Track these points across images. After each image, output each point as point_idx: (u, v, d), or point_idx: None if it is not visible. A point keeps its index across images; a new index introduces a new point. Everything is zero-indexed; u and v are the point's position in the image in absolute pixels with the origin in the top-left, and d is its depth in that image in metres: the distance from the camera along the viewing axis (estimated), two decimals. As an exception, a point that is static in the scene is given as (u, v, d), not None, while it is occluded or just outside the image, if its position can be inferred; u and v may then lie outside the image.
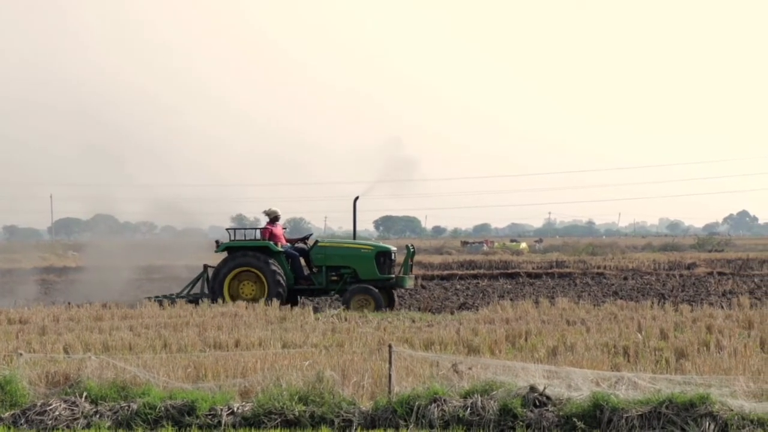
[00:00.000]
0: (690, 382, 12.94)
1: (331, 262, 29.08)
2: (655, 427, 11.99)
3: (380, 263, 28.94)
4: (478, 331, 20.18)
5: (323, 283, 29.02)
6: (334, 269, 29.12)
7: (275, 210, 29.43)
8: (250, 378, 14.21)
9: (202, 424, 12.92)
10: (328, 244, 29.90)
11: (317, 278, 29.08)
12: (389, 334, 20.19)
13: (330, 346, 18.56)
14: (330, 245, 29.73)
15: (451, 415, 12.58)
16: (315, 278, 29.11)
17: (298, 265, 29.13)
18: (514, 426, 12.36)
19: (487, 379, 13.24)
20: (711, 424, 11.82)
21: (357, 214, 30.18)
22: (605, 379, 13.44)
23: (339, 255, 29.17)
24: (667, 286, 36.61)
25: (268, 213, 29.47)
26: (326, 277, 29.01)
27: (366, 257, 28.95)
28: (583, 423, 12.17)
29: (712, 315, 22.46)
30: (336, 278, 29.09)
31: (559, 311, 24.36)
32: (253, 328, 21.69)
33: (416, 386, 13.26)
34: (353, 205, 30.03)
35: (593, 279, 42.69)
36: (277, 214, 29.46)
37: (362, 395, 13.53)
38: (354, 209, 30.09)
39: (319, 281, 29.03)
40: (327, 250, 29.25)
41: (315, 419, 12.82)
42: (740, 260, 53.52)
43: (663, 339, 18.69)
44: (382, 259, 29.03)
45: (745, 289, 33.49)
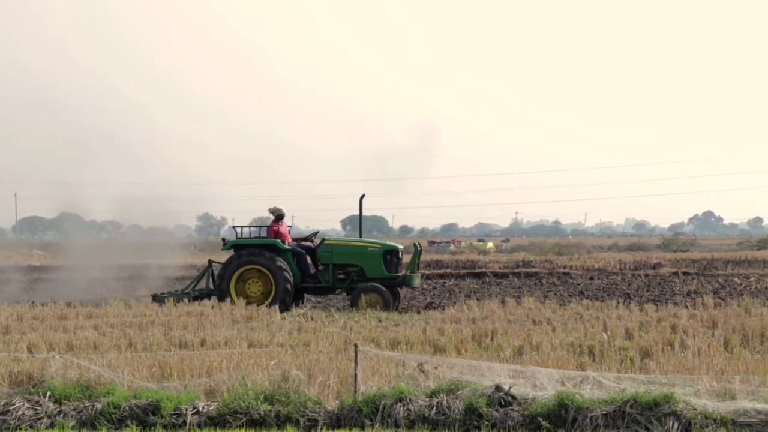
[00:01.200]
0: (654, 382, 13.01)
1: (338, 260, 28.92)
2: (620, 426, 12.05)
3: (387, 261, 28.85)
4: (445, 330, 20.19)
5: (330, 282, 28.86)
6: (340, 267, 28.98)
7: (280, 208, 29.29)
8: (216, 377, 14.17)
9: (167, 423, 12.88)
10: (335, 242, 29.82)
11: (324, 276, 28.93)
12: (355, 334, 20.17)
13: (296, 345, 18.52)
14: (337, 243, 29.64)
15: (416, 414, 12.59)
16: (322, 276, 28.96)
17: (304, 263, 28.97)
18: (479, 425, 12.38)
19: (453, 379, 13.26)
20: (675, 424, 11.89)
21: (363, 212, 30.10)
22: (570, 378, 13.49)
23: (346, 253, 29.04)
24: (632, 286, 36.76)
25: (273, 211, 29.33)
26: (333, 275, 28.85)
27: (373, 255, 28.82)
28: (548, 422, 12.21)
29: (677, 315, 22.58)
30: (343, 276, 28.98)
31: (526, 311, 24.41)
32: (219, 327, 21.62)
33: (382, 386, 13.26)
34: (359, 203, 29.97)
35: (559, 279, 42.80)
36: (282, 213, 29.29)
37: (328, 395, 13.52)
38: (360, 207, 30.01)
39: (326, 279, 28.87)
40: (334, 248, 29.11)
41: (280, 419, 12.80)
42: (705, 260, 53.81)
43: (628, 338, 18.77)
44: (389, 258, 28.93)
45: (709, 289, 33.67)
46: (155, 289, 36.68)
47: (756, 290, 33.19)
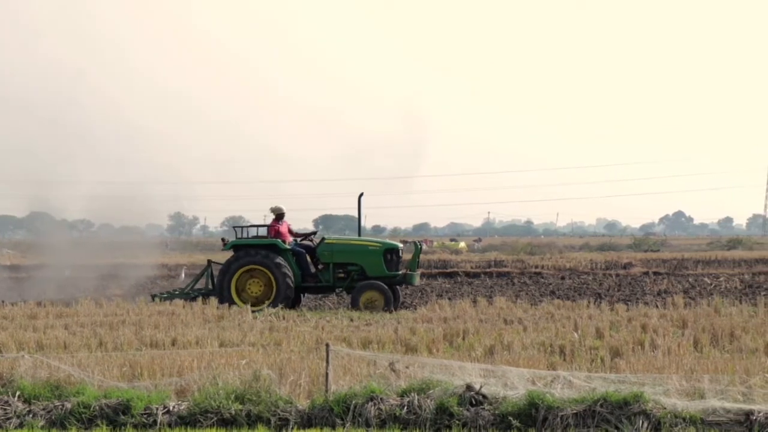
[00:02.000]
0: (624, 381, 13.07)
1: (338, 259, 28.82)
2: (590, 425, 12.09)
3: (387, 260, 28.77)
4: (416, 330, 20.22)
5: (330, 281, 28.75)
6: (341, 266, 28.88)
7: (279, 207, 29.18)
8: (187, 377, 14.13)
9: (137, 423, 12.83)
10: (335, 241, 29.65)
11: (324, 275, 28.82)
12: (327, 333, 20.17)
13: (267, 344, 18.50)
14: (337, 242, 29.50)
15: (387, 413, 12.60)
16: (322, 275, 28.85)
17: (304, 263, 28.84)
18: (450, 425, 12.40)
19: (424, 378, 13.27)
20: (644, 423, 11.94)
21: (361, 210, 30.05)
22: (541, 377, 13.53)
23: (346, 252, 28.96)
24: (603, 286, 36.90)
25: (273, 210, 29.27)
26: (333, 274, 28.75)
27: (374, 254, 28.76)
28: (518, 421, 12.24)
29: (647, 314, 22.69)
30: (343, 275, 28.88)
31: (497, 310, 24.48)
32: (191, 326, 21.57)
33: (353, 385, 13.26)
34: (358, 201, 29.91)
35: (531, 278, 42.92)
36: (282, 211, 29.20)
37: (299, 394, 13.51)
38: (359, 206, 29.94)
39: (326, 278, 28.76)
40: (334, 247, 29.00)
41: (251, 418, 12.78)
42: (675, 260, 54.07)
43: (599, 338, 18.85)
44: (389, 256, 28.86)
45: (679, 289, 33.84)
46: (127, 288, 36.57)
47: (725, 290, 33.38)
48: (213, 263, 30.09)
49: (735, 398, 12.43)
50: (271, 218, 29.35)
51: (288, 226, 29.42)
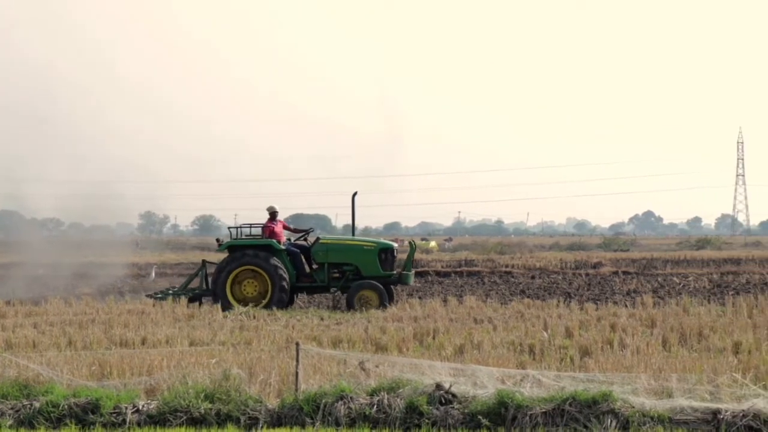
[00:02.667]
0: (593, 380, 13.13)
1: (333, 259, 28.73)
2: (559, 424, 12.14)
3: (382, 260, 28.75)
4: (387, 329, 20.25)
5: (325, 281, 28.65)
6: (335, 266, 28.81)
7: (273, 206, 29.14)
8: (156, 376, 14.11)
9: (106, 422, 12.80)
10: (330, 240, 29.52)
11: (319, 275, 28.74)
12: (297, 332, 20.17)
13: (237, 343, 18.49)
14: (332, 242, 29.38)
15: (357, 412, 12.62)
16: (317, 275, 28.78)
17: (299, 263, 28.76)
18: (420, 423, 12.43)
19: (394, 377, 13.30)
20: (613, 421, 12.00)
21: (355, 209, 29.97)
22: (510, 376, 13.59)
23: (341, 252, 28.86)
24: (573, 285, 37.03)
25: (268, 209, 29.22)
26: (328, 274, 28.66)
27: (368, 254, 28.71)
28: (488, 420, 12.28)
29: (616, 314, 22.80)
30: (338, 275, 28.81)
31: (467, 309, 24.54)
32: (161, 325, 21.53)
33: (323, 384, 13.28)
34: (352, 200, 29.86)
35: (501, 278, 43.03)
36: (275, 210, 29.17)
37: (269, 393, 13.51)
38: (353, 205, 29.86)
39: (321, 278, 28.68)
40: (329, 247, 28.90)
41: (221, 417, 12.77)
42: (644, 260, 54.34)
43: (568, 337, 18.93)
44: (384, 256, 28.83)
45: (648, 288, 33.99)
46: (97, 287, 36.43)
47: (694, 289, 33.56)
48: (207, 263, 29.98)
49: (702, 397, 12.51)
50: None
51: (283, 223, 29.42)
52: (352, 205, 29.71)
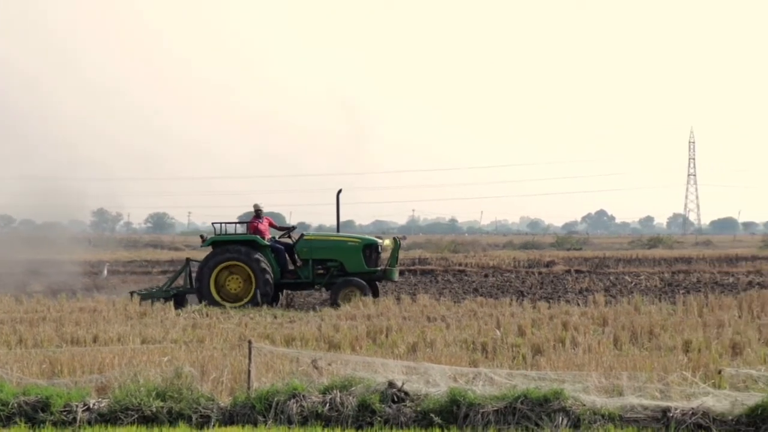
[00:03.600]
0: (545, 378, 13.20)
1: (317, 255, 28.73)
2: (510, 422, 12.19)
3: (367, 256, 28.77)
4: (340, 327, 20.25)
5: (309, 277, 28.63)
6: (320, 262, 28.77)
7: (257, 204, 29.10)
8: (108, 374, 14.03)
9: (56, 420, 12.71)
10: (314, 237, 29.53)
11: (303, 272, 28.70)
12: (250, 330, 20.14)
13: (190, 341, 18.44)
14: (316, 238, 29.38)
15: (309, 410, 12.61)
16: (301, 272, 28.74)
17: (283, 259, 28.72)
18: (372, 422, 12.44)
19: (347, 375, 13.29)
20: (564, 419, 12.07)
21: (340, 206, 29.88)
22: (463, 374, 13.63)
23: (325, 248, 28.87)
24: (526, 284, 37.17)
25: (253, 207, 29.15)
26: (312, 270, 28.64)
27: (353, 250, 28.72)
28: (440, 418, 12.31)
29: (569, 312, 22.92)
30: (322, 271, 28.77)
31: (420, 308, 24.58)
32: (112, 323, 21.43)
33: (276, 382, 13.25)
34: (336, 197, 29.79)
35: (455, 276, 43.11)
36: (260, 208, 29.05)
37: (221, 391, 13.47)
38: (337, 202, 29.78)
39: (305, 275, 28.64)
40: (313, 244, 28.90)
41: (173, 415, 12.72)
42: (597, 258, 54.64)
43: (520, 335, 19.01)
44: (368, 252, 28.86)
45: (600, 287, 34.18)
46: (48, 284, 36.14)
47: (646, 288, 33.80)
48: (191, 261, 29.87)
49: (653, 395, 12.61)
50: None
51: (269, 221, 29.42)
52: (337, 202, 29.77)
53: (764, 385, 13.27)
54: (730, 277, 39.54)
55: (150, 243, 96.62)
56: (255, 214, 29.03)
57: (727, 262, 51.40)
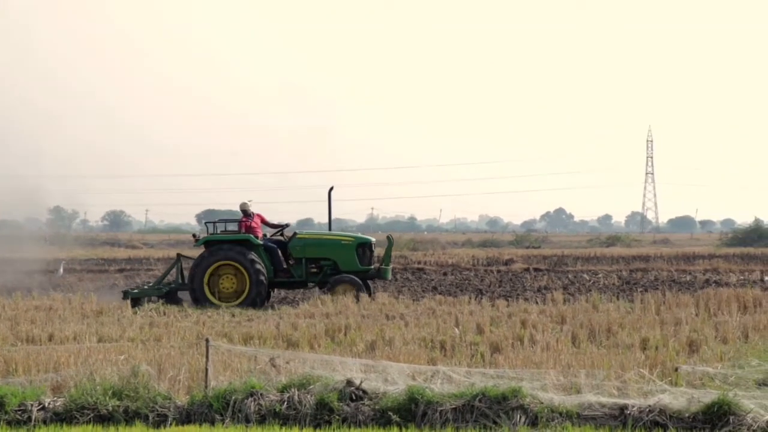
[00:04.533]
0: (503, 376, 13.20)
1: (310, 254, 28.56)
2: (468, 420, 12.18)
3: (360, 255, 28.63)
4: (298, 325, 20.19)
5: (303, 276, 28.45)
6: (313, 261, 28.61)
7: (244, 202, 28.86)
8: (63, 373, 13.91)
9: (11, 420, 12.57)
10: (307, 235, 29.30)
11: (296, 271, 28.49)
12: (208, 329, 20.04)
13: (147, 340, 18.33)
14: (309, 237, 29.17)
15: (267, 409, 12.55)
16: (294, 271, 28.52)
17: (277, 258, 28.44)
18: (330, 420, 12.39)
19: (305, 374, 13.24)
20: (522, 417, 12.07)
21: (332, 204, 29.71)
22: (421, 373, 13.61)
23: (319, 247, 28.70)
24: (485, 282, 37.23)
25: (240, 207, 28.91)
26: (306, 269, 28.48)
27: (346, 248, 28.56)
28: (398, 416, 12.27)
29: (527, 310, 22.97)
30: (316, 270, 28.62)
31: (379, 306, 24.55)
32: (68, 322, 21.26)
33: (233, 381, 13.18)
34: (328, 195, 29.67)
35: (413, 274, 43.10)
36: (246, 208, 28.79)
37: (178, 390, 13.39)
38: (329, 200, 29.66)
39: (299, 274, 28.44)
40: (306, 242, 28.72)
41: (129, 414, 12.61)
42: (555, 257, 54.91)
43: (479, 333, 19.02)
44: (362, 251, 28.73)
45: (559, 285, 34.30)
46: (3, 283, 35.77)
47: (604, 286, 33.94)
48: (183, 257, 29.69)
49: (610, 393, 12.64)
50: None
51: (261, 217, 29.21)
52: (329, 200, 29.67)
53: (720, 383, 13.38)
54: (687, 275, 39.81)
55: (107, 241, 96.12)
56: (243, 214, 28.81)
57: (685, 260, 51.77)
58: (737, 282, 35.08)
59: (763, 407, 11.89)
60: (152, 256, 58.54)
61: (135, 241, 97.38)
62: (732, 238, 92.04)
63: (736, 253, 58.53)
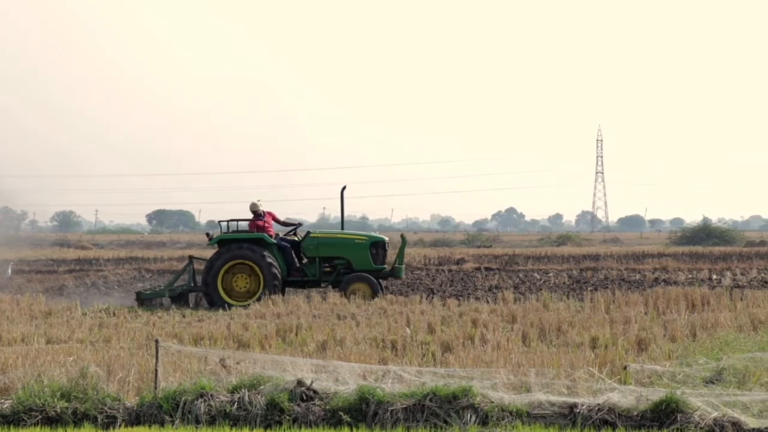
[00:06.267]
0: (454, 375, 13.22)
1: (324, 253, 28.58)
2: (419, 419, 12.19)
3: (374, 254, 28.66)
4: (249, 325, 20.13)
5: (316, 275, 28.49)
6: (327, 260, 28.65)
7: (254, 203, 28.76)
8: (11, 374, 13.76)
9: (-43, 423, 12.44)
10: (320, 234, 29.30)
11: (310, 269, 28.53)
12: (158, 329, 19.93)
13: (96, 341, 18.21)
14: (323, 236, 29.17)
15: (217, 410, 12.50)
16: (307, 269, 28.55)
17: (290, 257, 28.45)
18: (281, 420, 12.36)
19: (255, 374, 13.20)
20: (472, 416, 12.10)
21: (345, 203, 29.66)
22: (372, 372, 13.61)
23: (332, 246, 28.71)
24: (436, 281, 37.31)
25: (250, 207, 28.82)
26: (319, 268, 28.50)
27: (360, 248, 28.60)
28: (349, 416, 12.27)
29: (478, 309, 23.02)
30: (329, 269, 28.64)
31: (330, 306, 24.53)
32: (16, 323, 21.06)
33: (183, 381, 13.12)
34: (341, 194, 29.64)
35: (365, 274, 43.03)
36: (257, 209, 28.67)
37: (128, 391, 13.30)
38: (341, 199, 29.63)
39: (312, 272, 28.47)
40: (320, 241, 28.72)
41: (78, 416, 12.52)
42: (507, 256, 55.08)
43: (430, 333, 19.05)
44: (375, 250, 28.75)
45: (510, 284, 34.43)
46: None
47: (554, 285, 34.12)
48: (194, 259, 29.66)
49: (560, 391, 12.70)
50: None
51: (273, 215, 29.19)
52: (341, 199, 29.66)
53: (668, 381, 13.47)
54: (636, 274, 40.07)
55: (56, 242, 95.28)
56: (254, 215, 28.68)
57: (634, 259, 52.12)
58: (686, 280, 35.38)
59: (710, 405, 12.00)
60: (102, 257, 58.09)
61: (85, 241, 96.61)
62: (681, 237, 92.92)
63: (685, 252, 58.98)
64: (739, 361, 14.59)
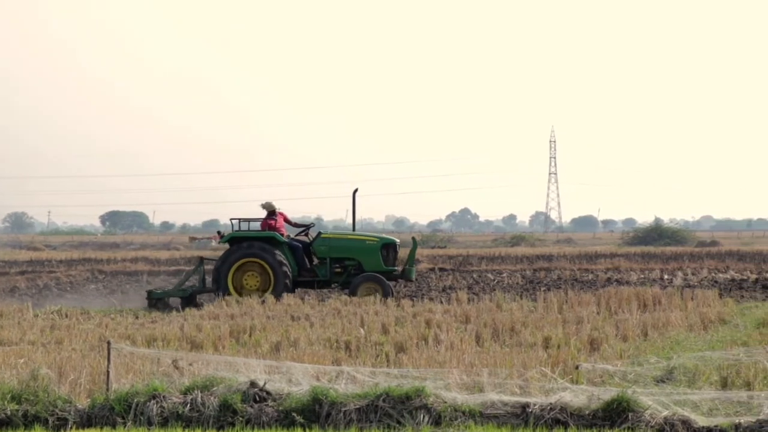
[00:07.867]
0: (407, 376, 13.26)
1: (335, 254, 28.63)
2: (372, 420, 12.20)
3: (385, 255, 28.69)
4: (203, 327, 20.07)
5: (327, 276, 28.53)
6: (337, 261, 28.68)
7: (270, 203, 28.72)
8: (-40, 377, 13.64)
9: None
10: (332, 235, 29.33)
11: (320, 270, 28.57)
12: (111, 331, 19.83)
13: (48, 343, 18.10)
14: (334, 237, 29.21)
15: (170, 411, 12.46)
16: (318, 270, 28.60)
17: (301, 257, 28.50)
18: (233, 422, 12.34)
19: (208, 375, 13.17)
20: (425, 417, 12.13)
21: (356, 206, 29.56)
22: (326, 373, 13.62)
23: (343, 247, 28.76)
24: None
25: (266, 206, 28.75)
26: (330, 269, 28.53)
27: (371, 249, 28.62)
28: (302, 417, 12.27)
29: (432, 310, 23.08)
30: (340, 270, 28.66)
31: (285, 307, 24.49)
32: (-33, 325, 20.86)
33: (136, 383, 13.07)
34: (352, 196, 29.58)
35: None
36: (272, 208, 28.67)
37: (79, 393, 13.23)
38: (353, 201, 29.57)
39: (323, 273, 28.52)
40: (331, 242, 28.77)
41: (28, 418, 12.43)
42: (461, 257, 55.21)
43: (384, 333, 19.08)
44: (386, 252, 28.78)
45: (464, 285, 34.53)
46: None
47: (508, 285, 34.26)
48: (205, 260, 29.66)
49: (513, 391, 12.76)
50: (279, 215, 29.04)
51: (284, 216, 29.24)
52: (353, 202, 29.61)
53: (620, 380, 13.57)
54: (589, 274, 40.30)
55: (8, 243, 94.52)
56: (268, 214, 28.62)
57: (587, 259, 52.38)
58: (638, 280, 35.63)
59: (660, 404, 12.10)
60: (55, 258, 57.66)
61: (37, 243, 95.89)
62: (633, 237, 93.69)
63: (637, 252, 59.41)
64: (690, 360, 14.75)
